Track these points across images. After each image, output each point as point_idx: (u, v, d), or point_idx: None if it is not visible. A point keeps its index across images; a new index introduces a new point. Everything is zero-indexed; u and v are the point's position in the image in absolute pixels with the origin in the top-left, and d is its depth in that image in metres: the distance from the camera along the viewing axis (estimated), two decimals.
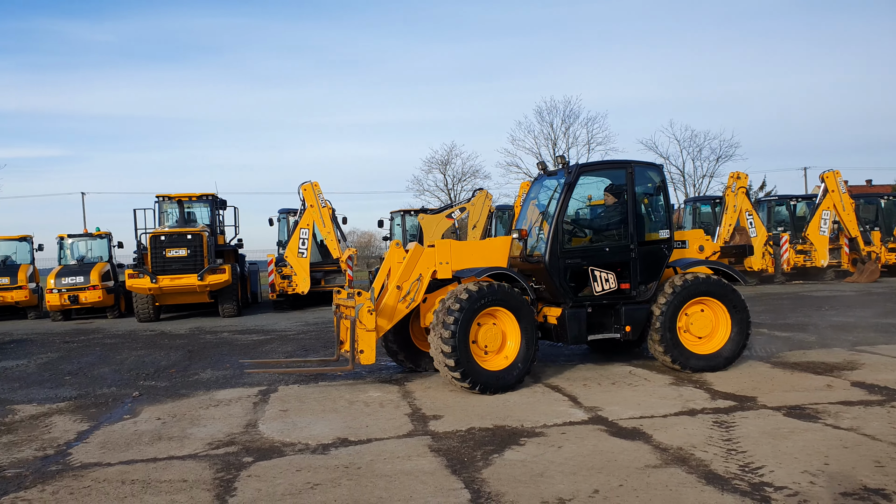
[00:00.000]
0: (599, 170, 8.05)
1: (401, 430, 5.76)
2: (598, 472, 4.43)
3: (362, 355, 7.03)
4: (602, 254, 7.53)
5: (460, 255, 7.58)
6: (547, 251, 7.30)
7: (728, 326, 7.73)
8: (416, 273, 7.39)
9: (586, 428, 5.56)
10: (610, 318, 7.62)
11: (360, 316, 6.97)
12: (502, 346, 7.10)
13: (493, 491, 4.19)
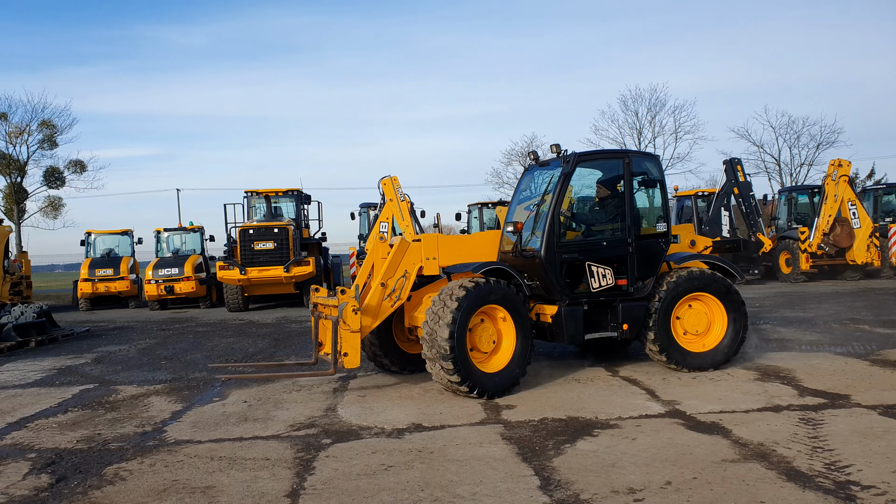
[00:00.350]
0: (596, 159, 7.64)
1: (473, 418, 5.83)
2: (672, 465, 4.35)
3: (346, 358, 6.47)
4: (599, 248, 7.12)
5: (448, 250, 7.17)
6: (542, 245, 6.84)
7: (724, 322, 7.41)
8: (402, 269, 6.91)
9: (662, 421, 5.45)
10: (606, 316, 7.24)
11: (344, 316, 6.43)
12: (497, 346, 6.68)
13: (563, 479, 4.19)
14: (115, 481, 4.55)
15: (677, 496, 3.82)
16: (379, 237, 7.05)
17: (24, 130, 35.06)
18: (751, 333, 10.07)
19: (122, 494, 4.29)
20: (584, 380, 7.19)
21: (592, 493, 3.92)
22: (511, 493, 4.00)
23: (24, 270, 20.45)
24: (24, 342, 12.03)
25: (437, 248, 7.09)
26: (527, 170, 7.90)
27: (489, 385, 6.38)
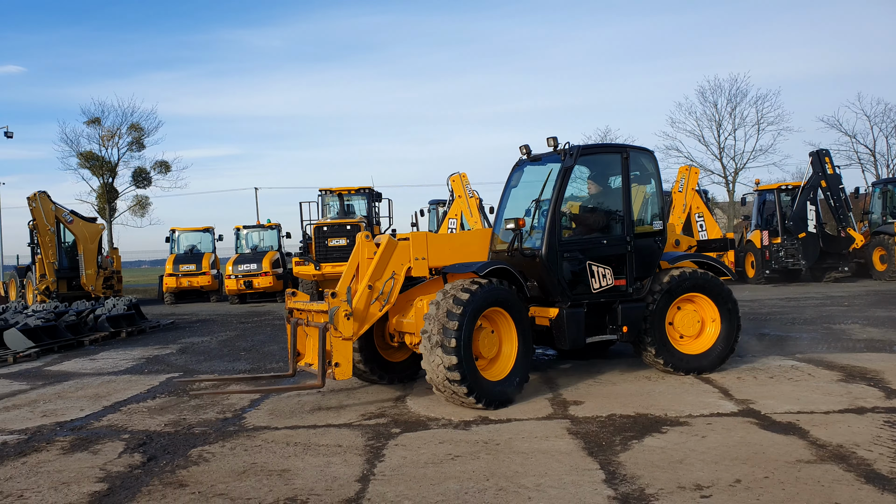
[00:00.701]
0: (597, 153, 7.31)
1: (540, 412, 5.86)
2: (743, 463, 4.26)
3: (338, 369, 5.91)
4: (600, 247, 6.78)
5: (437, 250, 6.65)
6: (544, 244, 6.47)
7: (717, 323, 7.16)
8: (389, 270, 6.37)
9: (735, 420, 5.33)
10: (604, 318, 6.89)
11: (336, 322, 5.88)
12: (498, 353, 6.25)
13: (629, 474, 4.18)
14: (200, 462, 4.83)
15: (746, 494, 3.75)
16: (365, 235, 6.72)
17: (115, 134, 37.20)
18: (830, 333, 9.67)
19: (206, 474, 4.56)
20: (655, 377, 7.09)
21: (658, 489, 3.90)
22: (575, 485, 4.03)
23: (115, 266, 21.73)
24: (115, 333, 12.83)
25: (426, 248, 6.55)
26: (517, 165, 7.49)
27: (494, 394, 5.96)
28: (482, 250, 7.03)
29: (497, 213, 7.48)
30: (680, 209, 20.24)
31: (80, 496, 4.26)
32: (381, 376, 7.03)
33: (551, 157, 6.96)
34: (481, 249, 7.03)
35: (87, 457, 5.09)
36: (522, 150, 7.26)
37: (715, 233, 20.56)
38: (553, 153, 6.86)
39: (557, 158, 6.82)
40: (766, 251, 20.32)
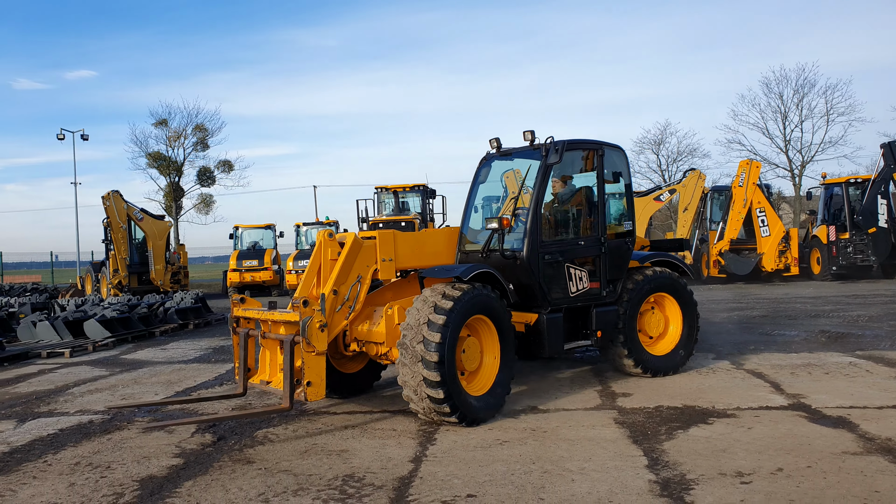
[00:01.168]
0: (579, 149, 6.72)
1: (589, 403, 6.00)
2: (787, 454, 4.33)
3: (310, 389, 5.12)
4: (577, 248, 6.47)
5: (406, 250, 6.11)
6: (525, 245, 6.08)
7: (680, 323, 7.10)
8: (355, 273, 5.75)
9: (784, 413, 5.36)
10: (578, 323, 6.59)
11: (309, 335, 5.11)
12: (480, 364, 5.72)
13: (672, 461, 4.30)
14: (265, 442, 5.19)
15: (787, 482, 3.84)
16: (327, 234, 5.94)
17: (180, 135, 38.74)
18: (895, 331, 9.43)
19: (271, 453, 4.90)
20: (706, 371, 7.13)
21: (699, 475, 4.02)
22: (618, 469, 4.18)
23: (182, 261, 22.73)
24: (184, 324, 13.52)
25: (394, 248, 5.99)
26: (485, 159, 7.03)
27: (477, 410, 5.39)
28: (449, 251, 6.57)
29: (465, 211, 6.93)
30: (740, 204, 19.93)
31: (159, 469, 4.65)
32: (334, 389, 6.26)
33: (524, 153, 6.63)
34: (448, 250, 6.56)
35: (163, 436, 5.51)
36: (492, 143, 6.89)
37: (777, 229, 20.12)
38: (527, 148, 6.51)
39: (530, 154, 6.52)
40: (833, 247, 19.72)
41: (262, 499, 4.00)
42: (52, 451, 5.23)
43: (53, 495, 4.23)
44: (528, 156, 6.57)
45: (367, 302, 5.96)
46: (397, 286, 6.45)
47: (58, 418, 6.29)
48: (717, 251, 20.59)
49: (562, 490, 3.89)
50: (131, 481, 4.43)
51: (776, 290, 17.41)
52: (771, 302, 14.40)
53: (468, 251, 6.55)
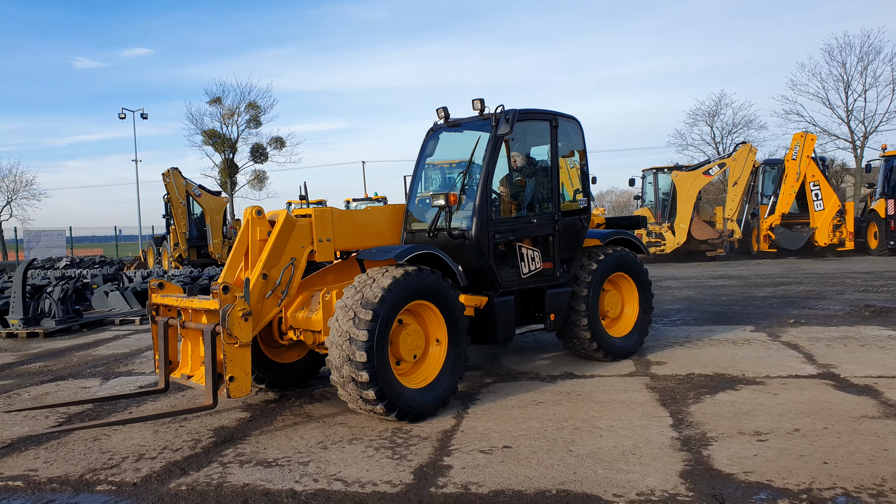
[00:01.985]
0: (530, 119, 6.23)
1: (623, 370, 6.33)
2: (806, 417, 4.60)
3: (233, 384, 4.66)
4: (530, 227, 6.08)
5: (344, 230, 5.64)
6: (474, 224, 5.64)
7: (636, 303, 6.93)
8: (288, 255, 5.27)
9: (811, 381, 5.59)
10: (530, 306, 6.28)
11: (230, 325, 4.61)
12: (424, 353, 5.27)
13: (695, 421, 4.63)
14: (322, 400, 5.72)
15: (801, 440, 4.13)
16: (255, 211, 5.43)
17: (234, 112, 39.85)
18: None
19: (327, 409, 5.42)
20: (741, 342, 7.35)
21: (719, 433, 4.34)
22: (644, 427, 4.53)
23: None
24: None
25: (332, 227, 5.52)
26: (433, 130, 6.57)
27: (413, 403, 4.93)
28: (394, 230, 6.15)
29: (411, 187, 6.51)
30: (793, 178, 19.63)
31: (229, 421, 5.22)
32: (264, 379, 5.87)
33: (473, 123, 6.18)
34: (393, 229, 6.14)
35: None
36: (440, 112, 6.37)
37: (832, 202, 19.72)
38: (477, 118, 6.05)
39: (480, 125, 6.07)
40: (892, 221, 19.24)
41: (321, 446, 4.50)
42: (135, 404, 5.86)
43: (141, 439, 4.83)
44: (478, 127, 6.09)
45: (303, 286, 5.60)
46: (338, 269, 6.01)
47: (136, 377, 6.96)
48: (768, 225, 20.34)
49: (590, 444, 4.27)
50: (206, 430, 4.99)
51: (828, 265, 17.18)
52: (820, 277, 14.30)
53: (414, 230, 6.08)
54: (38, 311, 10.79)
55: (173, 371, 5.44)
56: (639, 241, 7.18)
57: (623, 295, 6.99)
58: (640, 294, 6.96)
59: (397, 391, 4.86)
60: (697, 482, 3.58)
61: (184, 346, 5.41)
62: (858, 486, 3.43)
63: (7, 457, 4.57)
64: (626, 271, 6.85)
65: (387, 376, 4.80)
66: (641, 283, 6.99)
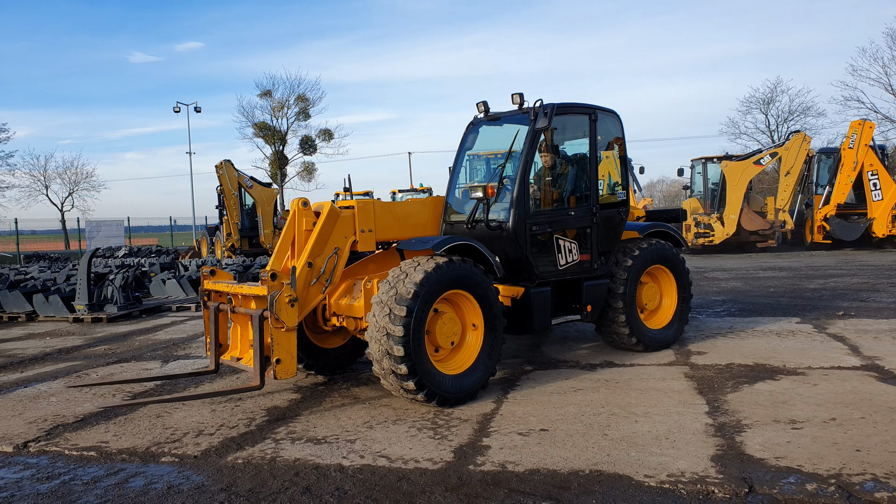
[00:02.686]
0: (571, 113, 6.29)
1: (663, 359, 6.40)
2: (844, 407, 4.62)
3: (280, 366, 4.95)
4: (567, 219, 6.17)
5: (385, 221, 5.81)
6: (511, 216, 5.78)
7: (674, 296, 6.95)
8: (332, 245, 5.49)
9: (854, 373, 5.58)
10: (567, 297, 6.35)
11: (277, 310, 4.88)
12: (462, 339, 5.44)
13: (731, 409, 4.70)
14: (368, 382, 5.99)
15: (836, 429, 4.17)
16: (301, 202, 5.71)
17: (284, 105, 40.67)
18: None
19: (374, 391, 5.67)
20: (785, 333, 7.32)
21: (753, 421, 4.41)
22: (679, 414, 4.63)
23: None
24: None
25: (373, 219, 5.71)
26: (472, 124, 6.74)
27: (450, 389, 5.11)
28: (434, 221, 6.30)
29: (450, 179, 6.68)
30: (849, 167, 19.11)
31: (281, 401, 5.52)
32: (309, 364, 6.10)
33: (512, 117, 6.28)
34: (433, 221, 6.29)
35: None
36: (479, 107, 6.54)
37: (891, 192, 19.16)
38: (516, 112, 6.16)
39: (519, 118, 6.16)
40: None
41: (367, 426, 4.75)
42: (193, 385, 6.23)
43: (199, 417, 5.16)
44: (517, 120, 6.20)
45: (346, 275, 5.82)
46: (379, 259, 6.20)
47: (193, 360, 7.36)
48: (822, 216, 19.85)
49: (625, 428, 4.40)
50: (260, 409, 5.30)
51: (885, 257, 16.69)
52: (876, 269, 13.94)
53: (453, 222, 6.24)
54: (102, 297, 11.39)
55: (223, 354, 5.73)
56: (678, 233, 7.23)
57: (661, 287, 7.03)
58: (678, 286, 6.99)
59: (436, 379, 5.04)
60: (728, 466, 3.68)
61: (233, 329, 5.70)
62: (888, 472, 3.48)
63: (80, 430, 4.96)
64: (664, 264, 6.88)
65: (425, 366, 4.97)
66: (680, 275, 7.00)
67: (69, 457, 4.40)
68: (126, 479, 3.96)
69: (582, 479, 3.61)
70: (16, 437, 4.81)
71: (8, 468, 4.26)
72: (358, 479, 3.79)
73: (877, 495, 3.24)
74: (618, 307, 6.44)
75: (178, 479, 3.93)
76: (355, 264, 6.05)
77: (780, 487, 3.38)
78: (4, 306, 11.77)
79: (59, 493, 3.80)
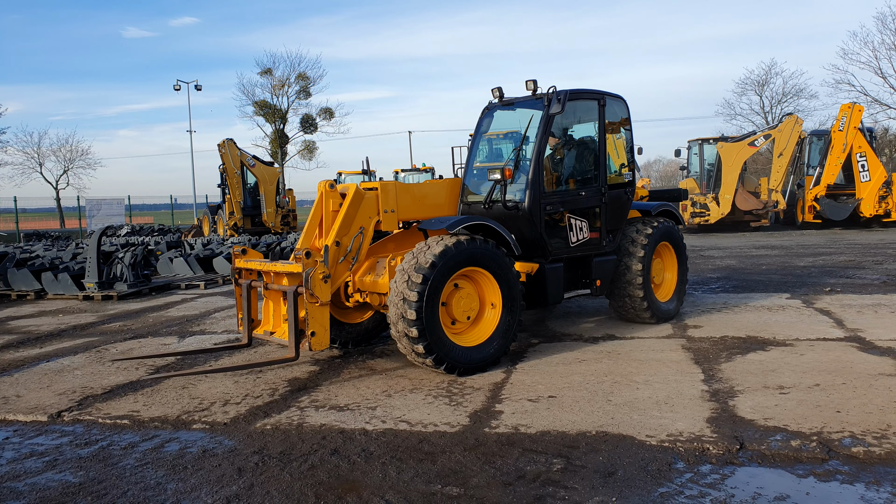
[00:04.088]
0: (581, 99, 6.65)
1: (661, 333, 6.77)
2: (828, 374, 5.00)
3: (314, 339, 5.29)
4: (578, 199, 6.56)
5: (406, 202, 6.17)
6: (527, 196, 6.15)
7: (675, 271, 7.43)
8: (357, 225, 5.84)
9: (838, 344, 5.96)
10: (577, 273, 6.78)
11: (312, 286, 5.23)
12: (479, 315, 5.79)
13: (725, 377, 5.07)
14: (383, 356, 6.32)
15: (819, 393, 4.55)
16: (328, 184, 5.98)
17: (284, 83, 40.60)
18: None
19: (389, 363, 6.01)
20: (776, 309, 7.69)
21: (745, 387, 4.78)
22: (677, 382, 5.00)
23: (290, 205, 24.48)
24: None
25: (395, 200, 6.05)
26: (487, 109, 7.11)
27: (460, 359, 5.45)
28: (451, 202, 6.65)
29: (467, 162, 7.04)
30: (839, 149, 19.49)
31: (301, 373, 5.85)
32: (336, 340, 6.43)
33: (526, 103, 6.62)
34: (450, 201, 6.64)
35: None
36: (494, 92, 6.85)
37: (878, 173, 19.56)
38: (529, 98, 6.51)
39: (532, 104, 6.50)
40: None
41: (386, 394, 5.09)
42: (213, 359, 6.54)
43: (223, 388, 5.48)
44: (531, 105, 6.54)
45: (369, 253, 6.13)
46: (400, 237, 6.49)
47: (210, 336, 7.67)
48: (813, 196, 20.23)
49: (627, 395, 4.76)
50: (281, 381, 5.63)
51: (872, 236, 17.10)
52: (863, 247, 14.33)
53: (470, 202, 6.61)
54: (111, 275, 11.62)
55: (256, 328, 6.07)
56: (678, 211, 7.68)
57: (665, 263, 7.45)
58: (678, 263, 7.45)
59: (447, 347, 5.39)
60: (721, 426, 4.04)
61: (265, 305, 6.03)
62: (864, 430, 3.86)
63: (110, 400, 5.25)
64: (669, 241, 7.32)
65: (436, 333, 5.33)
66: (681, 252, 7.47)
67: (103, 424, 4.67)
68: (162, 444, 4.24)
69: (589, 439, 3.96)
70: (49, 408, 5.06)
71: (45, 435, 4.51)
72: (382, 441, 4.12)
73: (853, 450, 3.61)
74: (636, 282, 6.82)
75: (211, 444, 4.21)
76: (376, 243, 6.37)
77: (767, 444, 3.74)
78: (13, 284, 11.94)
79: (100, 457, 4.06)
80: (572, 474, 3.50)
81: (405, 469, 3.68)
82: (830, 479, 3.32)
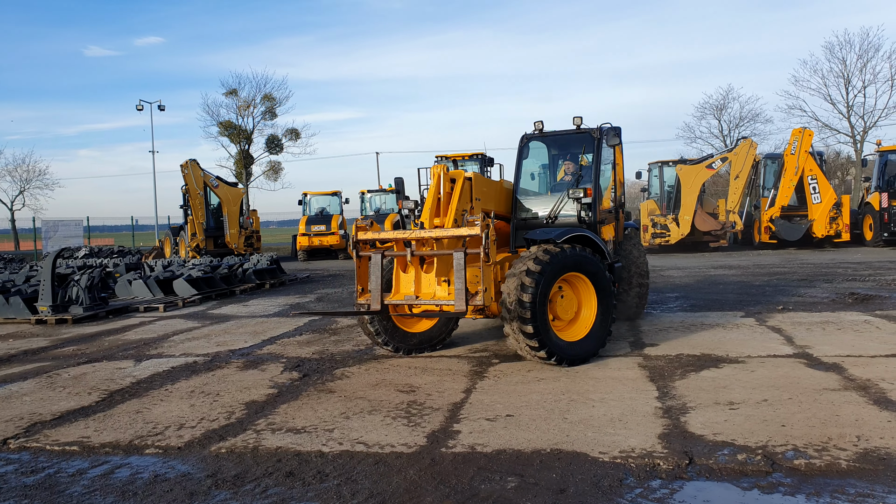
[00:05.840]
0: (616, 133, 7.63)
1: (619, 351, 6.88)
2: (776, 389, 5.14)
3: (486, 293, 5.86)
4: (608, 216, 7.88)
5: (486, 194, 7.06)
6: (594, 212, 7.32)
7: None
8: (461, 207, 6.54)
9: (787, 360, 6.13)
10: None
11: (489, 246, 5.82)
12: (577, 316, 6.53)
13: (678, 394, 5.18)
14: (343, 378, 6.29)
15: (767, 408, 4.68)
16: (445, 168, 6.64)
17: (250, 104, 40.40)
18: None
19: (348, 386, 5.99)
20: (730, 326, 7.88)
21: (697, 403, 4.89)
22: (632, 399, 5.09)
23: (254, 226, 24.29)
24: (261, 284, 14.89)
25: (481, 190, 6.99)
26: (526, 139, 7.94)
27: (568, 353, 6.20)
28: (507, 201, 7.60)
29: (514, 183, 7.82)
30: (791, 172, 20.12)
31: (258, 395, 5.80)
32: (395, 347, 7.01)
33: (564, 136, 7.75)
34: (507, 201, 7.61)
35: (257, 373, 6.67)
36: (536, 125, 7.82)
37: (828, 195, 20.24)
38: (569, 132, 7.65)
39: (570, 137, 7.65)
40: (886, 213, 19.73)
41: (344, 416, 5.07)
42: (170, 382, 6.45)
43: (179, 412, 5.40)
44: (568, 138, 7.64)
45: None
46: None
47: (167, 359, 7.54)
48: (768, 217, 20.82)
49: (583, 412, 4.82)
50: (238, 404, 5.57)
51: (824, 256, 17.64)
52: (815, 267, 14.77)
53: (525, 218, 7.62)
54: (66, 298, 11.32)
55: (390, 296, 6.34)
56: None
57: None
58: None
59: (554, 342, 6.14)
60: (672, 442, 4.13)
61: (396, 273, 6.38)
62: (807, 443, 3.99)
63: (59, 426, 5.11)
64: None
65: (547, 330, 6.07)
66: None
67: (51, 451, 4.53)
68: (111, 470, 4.14)
69: (543, 457, 4.01)
70: None
71: None
72: (338, 463, 4.11)
73: (796, 462, 3.72)
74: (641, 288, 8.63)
75: (163, 469, 4.14)
76: None
77: (715, 458, 3.83)
78: None
79: (45, 485, 3.94)
80: (525, 492, 3.53)
81: (359, 490, 3.67)
82: (773, 491, 3.41)
